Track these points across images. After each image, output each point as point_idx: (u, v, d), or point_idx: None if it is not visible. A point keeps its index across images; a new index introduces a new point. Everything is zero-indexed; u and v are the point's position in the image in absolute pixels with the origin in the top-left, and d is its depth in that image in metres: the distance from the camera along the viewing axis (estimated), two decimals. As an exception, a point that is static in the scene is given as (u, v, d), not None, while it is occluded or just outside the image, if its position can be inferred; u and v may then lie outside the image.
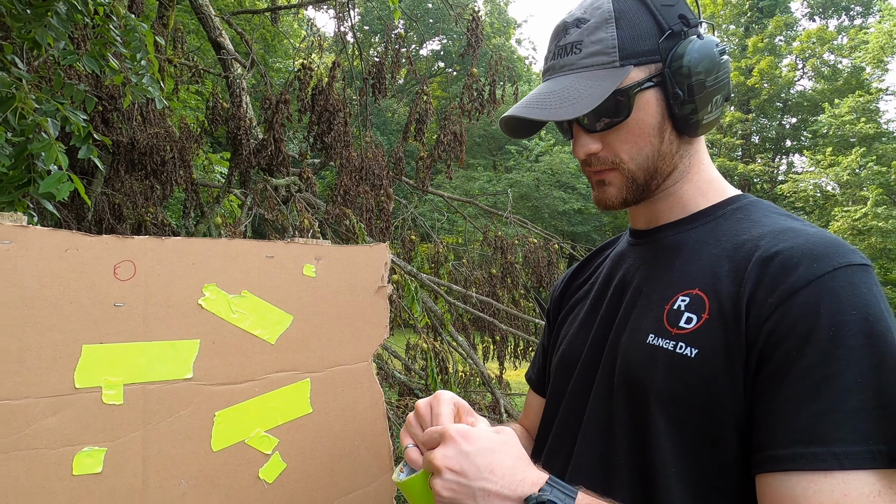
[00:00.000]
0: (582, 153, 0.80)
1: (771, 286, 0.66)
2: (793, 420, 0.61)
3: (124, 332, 0.76)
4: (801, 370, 0.61)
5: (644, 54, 0.75)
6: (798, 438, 0.60)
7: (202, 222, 3.88)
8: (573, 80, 0.76)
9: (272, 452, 0.88)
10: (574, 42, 0.77)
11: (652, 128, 0.77)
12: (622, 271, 0.88)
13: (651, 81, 0.76)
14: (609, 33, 0.75)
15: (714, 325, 0.69)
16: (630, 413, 0.75)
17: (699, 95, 0.76)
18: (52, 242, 0.71)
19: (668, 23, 0.76)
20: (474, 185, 17.69)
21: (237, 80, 3.82)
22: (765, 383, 0.64)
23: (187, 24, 6.16)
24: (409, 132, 4.15)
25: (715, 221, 0.80)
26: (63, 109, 1.74)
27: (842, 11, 24.28)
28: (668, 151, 0.79)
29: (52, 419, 0.71)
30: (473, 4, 4.54)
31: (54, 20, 1.75)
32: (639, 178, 0.80)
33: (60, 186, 1.62)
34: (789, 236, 0.69)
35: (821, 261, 0.64)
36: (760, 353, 0.65)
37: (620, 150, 0.78)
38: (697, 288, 0.73)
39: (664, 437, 0.70)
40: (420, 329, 3.67)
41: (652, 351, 0.73)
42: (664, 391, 0.70)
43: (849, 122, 19.67)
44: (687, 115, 0.77)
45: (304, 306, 0.91)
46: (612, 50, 0.75)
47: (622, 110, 0.76)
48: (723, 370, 0.67)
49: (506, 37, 23.91)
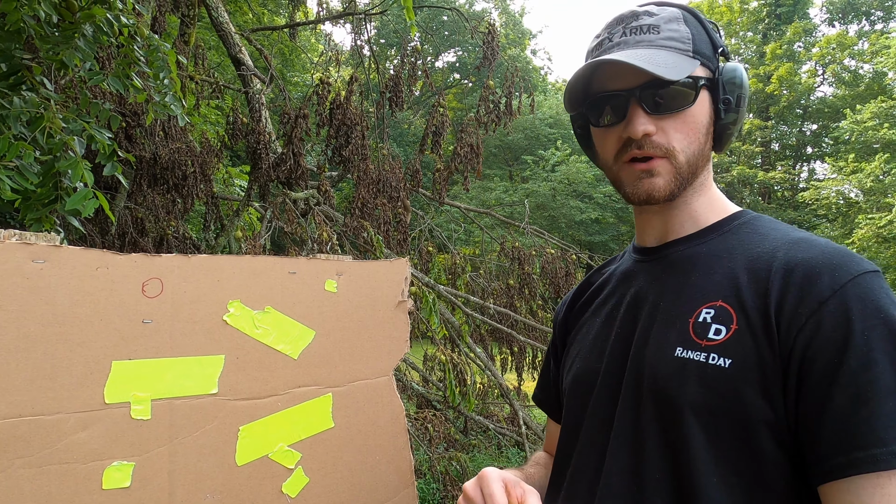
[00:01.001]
0: (640, 131, 0.78)
1: (798, 297, 0.68)
2: (847, 427, 0.63)
3: (152, 348, 0.77)
4: (844, 378, 0.64)
5: (706, 57, 0.80)
6: (857, 444, 0.62)
7: (222, 235, 3.93)
8: (655, 52, 0.77)
9: (295, 467, 0.88)
10: (651, 25, 0.80)
11: (703, 126, 0.80)
12: (635, 288, 0.88)
13: (708, 83, 0.80)
14: (682, 27, 0.80)
15: (744, 336, 0.70)
16: (661, 427, 0.75)
17: (740, 108, 0.81)
18: (84, 261, 0.73)
19: (718, 42, 0.82)
20: (491, 196, 17.70)
21: (256, 95, 3.89)
22: (813, 396, 0.66)
23: (208, 41, 6.29)
24: (425, 144, 4.18)
25: (724, 236, 0.82)
26: (89, 128, 1.79)
27: (862, 16, 23.98)
28: (705, 155, 0.82)
29: (82, 434, 0.72)
30: (489, 17, 4.58)
31: (81, 42, 1.81)
32: (684, 173, 0.80)
33: (86, 203, 1.66)
34: (804, 247, 0.72)
35: (840, 270, 0.68)
36: (800, 367, 0.66)
37: (673, 139, 0.79)
38: (721, 300, 0.74)
39: (703, 447, 0.70)
40: (438, 340, 3.67)
41: (681, 363, 0.74)
42: (699, 402, 0.71)
43: (871, 128, 19.35)
44: (727, 124, 0.81)
45: (326, 321, 0.92)
46: (687, 41, 0.79)
47: (687, 99, 0.78)
48: (756, 379, 0.68)
49: (521, 48, 23.99)
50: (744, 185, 22.80)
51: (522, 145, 21.33)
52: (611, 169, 0.85)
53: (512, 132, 18.33)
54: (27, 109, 1.75)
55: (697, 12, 0.83)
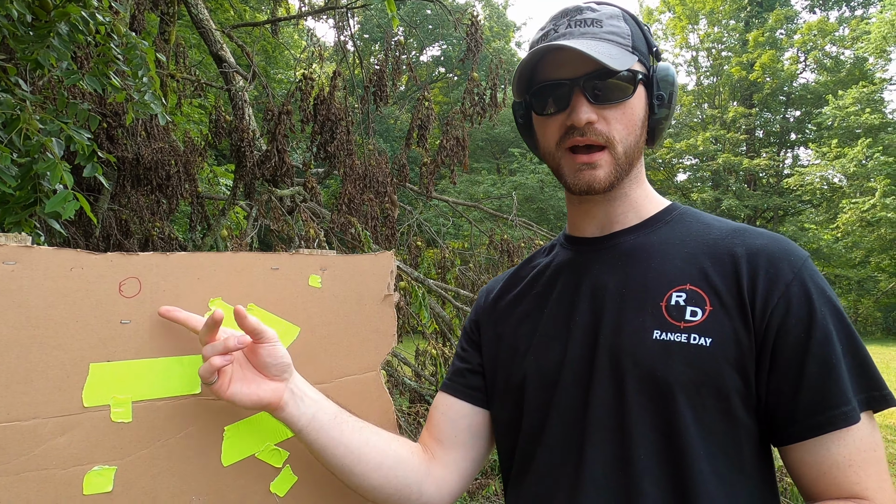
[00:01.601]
0: (583, 119, 0.81)
1: (768, 280, 0.76)
2: (821, 391, 0.73)
3: (131, 349, 0.76)
4: (814, 349, 0.74)
5: (642, 54, 0.85)
6: (831, 404, 0.73)
7: (208, 235, 3.89)
8: (599, 42, 0.82)
9: (283, 466, 0.87)
10: (594, 18, 0.84)
11: (639, 119, 0.85)
12: (590, 278, 0.87)
13: (644, 78, 0.84)
14: (623, 24, 0.85)
15: (719, 316, 0.77)
16: (651, 409, 0.76)
17: (671, 105, 0.87)
18: (57, 262, 0.71)
19: (652, 43, 0.88)
20: (479, 189, 17.69)
21: (239, 92, 3.84)
22: (789, 367, 0.75)
23: (188, 39, 6.21)
24: (411, 138, 4.16)
25: (669, 226, 0.88)
26: (67, 129, 1.75)
27: (842, 3, 24.17)
28: (640, 148, 0.87)
29: (61, 439, 0.70)
30: (472, 9, 4.55)
31: (56, 41, 1.77)
32: (622, 163, 0.84)
33: (66, 205, 1.63)
34: (753, 234, 0.82)
35: (792, 255, 0.78)
36: (775, 342, 0.75)
37: (614, 129, 0.82)
38: (689, 283, 0.80)
39: (692, 423, 0.75)
40: (429, 335, 3.66)
41: (663, 346, 0.77)
42: (687, 381, 0.76)
43: (853, 114, 19.55)
44: (660, 119, 0.87)
45: (311, 317, 0.91)
46: (626, 36, 0.84)
47: (627, 91, 0.82)
48: (733, 355, 0.75)
49: (505, 40, 23.95)
50: (729, 173, 22.96)
51: (509, 138, 21.33)
52: (553, 156, 0.86)
53: (498, 125, 18.33)
54: (2, 111, 1.71)
55: (634, 15, 0.89)
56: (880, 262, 19.02)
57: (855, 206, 18.21)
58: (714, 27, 25.70)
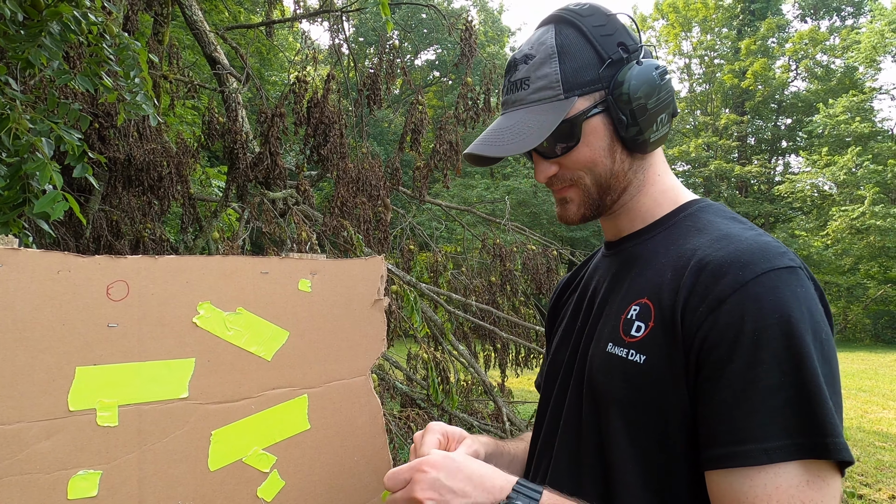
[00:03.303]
0: (542, 177, 0.86)
1: (702, 295, 0.71)
2: (727, 421, 0.66)
3: (118, 352, 0.75)
4: (730, 374, 0.67)
5: (587, 84, 0.80)
6: (734, 438, 0.66)
7: (200, 237, 3.87)
8: (523, 114, 0.82)
9: (270, 470, 0.87)
10: (522, 78, 0.83)
11: (602, 150, 0.82)
12: (594, 283, 0.93)
13: (596, 109, 0.80)
14: (553, 68, 0.80)
15: (657, 333, 0.74)
16: (594, 417, 0.81)
17: (642, 118, 0.80)
18: (44, 264, 0.71)
19: (608, 52, 0.80)
20: (472, 193, 17.72)
21: (233, 94, 3.83)
22: (702, 388, 0.70)
23: (182, 40, 6.19)
24: (405, 142, 4.16)
25: (668, 230, 0.85)
26: (57, 129, 1.74)
27: (833, 12, 24.43)
28: (620, 170, 0.84)
29: (46, 443, 0.70)
30: (467, 14, 4.57)
31: (47, 40, 1.76)
32: (593, 194, 0.85)
33: (55, 206, 1.62)
34: (723, 244, 0.74)
35: (746, 267, 0.69)
36: (697, 360, 0.70)
37: (576, 169, 0.84)
38: (646, 297, 0.78)
39: (622, 437, 0.76)
40: (420, 339, 3.65)
41: (609, 359, 0.79)
42: (620, 396, 0.76)
43: (843, 122, 19.74)
44: (633, 137, 0.81)
45: (301, 322, 0.91)
46: (556, 84, 0.80)
47: (573, 137, 0.81)
48: (667, 375, 0.72)
49: (500, 45, 24.02)
50: (721, 180, 23.12)
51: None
52: None
53: (492, 129, 18.29)
54: (-8, 110, 1.70)
55: (581, 22, 0.81)
56: (869, 270, 19.18)
57: (845, 214, 18.38)
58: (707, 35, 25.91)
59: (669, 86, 0.83)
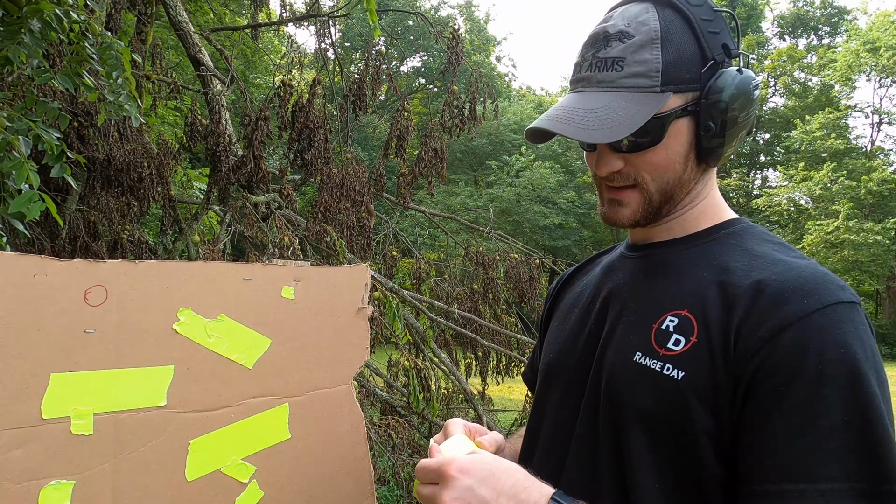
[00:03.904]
0: (605, 170, 0.78)
1: (761, 319, 0.66)
2: (781, 456, 0.61)
3: (95, 359, 0.73)
4: (788, 407, 0.62)
5: (685, 81, 0.73)
6: (786, 475, 0.61)
7: (180, 239, 3.82)
8: (612, 99, 0.73)
9: (249, 481, 0.85)
10: (616, 58, 0.73)
11: (679, 155, 0.76)
12: (611, 284, 0.87)
13: (687, 110, 0.74)
14: (654, 55, 0.72)
15: (701, 350, 0.69)
16: (614, 430, 0.75)
17: (730, 130, 0.75)
18: (20, 268, 0.69)
19: (713, 51, 0.74)
20: (456, 201, 17.75)
21: (216, 96, 3.80)
22: (752, 416, 0.65)
23: (166, 40, 6.13)
24: (389, 148, 4.16)
25: (708, 244, 0.79)
26: (35, 128, 1.71)
27: (811, 31, 25.04)
28: (687, 179, 0.79)
29: (17, 452, 0.68)
30: (454, 22, 4.59)
31: (27, 38, 1.72)
32: (655, 202, 0.79)
33: (31, 206, 1.58)
34: (780, 269, 0.69)
35: (811, 297, 0.65)
36: (748, 386, 0.65)
37: (643, 170, 0.77)
38: (686, 309, 0.73)
39: (646, 454, 0.71)
40: (402, 346, 3.64)
41: (637, 369, 0.74)
42: (648, 410, 0.71)
43: (819, 138, 20.19)
44: (714, 148, 0.76)
45: (283, 329, 0.90)
46: (655, 74, 0.72)
47: (654, 135, 0.74)
48: (707, 395, 0.67)
49: (486, 54, 24.18)
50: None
51: (487, 151, 21.48)
52: (596, 179, 0.84)
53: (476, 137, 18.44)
54: (-33, 107, 1.66)
55: (689, 10, 0.73)
56: (843, 283, 19.53)
57: (820, 228, 18.75)
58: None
59: (758, 101, 0.79)
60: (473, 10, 25.22)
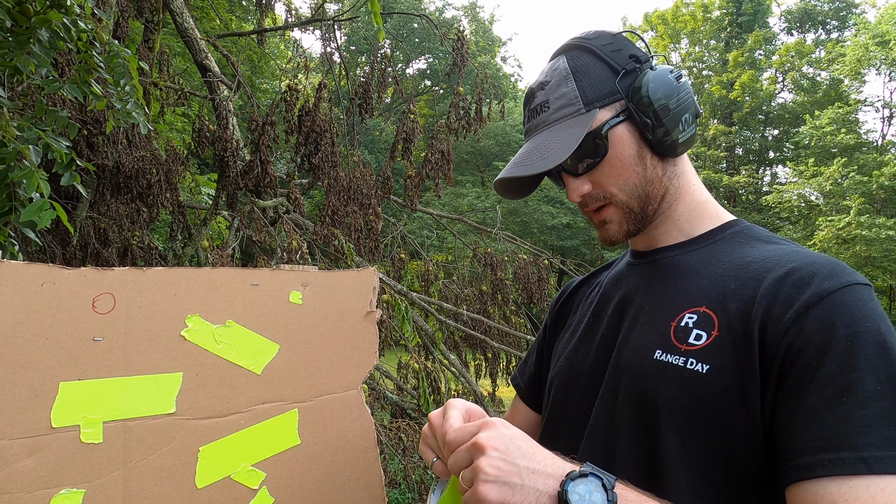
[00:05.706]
0: (576, 196, 0.85)
1: (786, 303, 0.68)
2: (817, 427, 0.62)
3: (104, 367, 0.73)
4: (821, 379, 0.63)
5: (606, 96, 0.81)
6: (824, 445, 0.61)
7: (189, 245, 3.84)
8: (547, 135, 0.83)
9: (259, 487, 0.85)
10: (541, 102, 0.85)
11: (632, 157, 0.82)
12: (622, 290, 0.90)
13: (619, 117, 0.81)
14: (570, 87, 0.82)
15: (724, 342, 0.71)
16: (637, 429, 0.76)
17: (667, 118, 0.80)
18: (28, 276, 0.69)
19: (621, 64, 0.82)
20: (463, 202, 17.74)
21: (223, 102, 3.81)
22: (786, 395, 0.66)
23: (173, 47, 6.17)
24: (396, 151, 4.15)
25: (716, 244, 0.84)
26: (45, 137, 1.72)
27: (818, 25, 24.81)
28: (654, 176, 0.84)
29: (27, 461, 0.68)
30: (458, 24, 4.59)
31: (36, 47, 1.74)
32: (634, 207, 0.84)
33: (42, 214, 1.59)
34: (796, 257, 0.73)
35: (831, 278, 0.68)
36: (780, 368, 0.67)
37: (609, 185, 0.83)
38: (704, 306, 0.75)
39: (675, 451, 0.71)
40: (411, 348, 3.63)
41: (660, 367, 0.75)
42: (675, 406, 0.72)
43: (829, 133, 20.00)
44: (661, 139, 0.81)
45: (291, 334, 0.89)
46: (575, 100, 0.81)
47: (600, 149, 0.81)
48: (733, 386, 0.69)
49: (491, 55, 24.17)
50: (710, 190, 23.30)
51: (494, 151, 21.45)
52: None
53: (483, 138, 18.44)
54: (-23, 117, 1.67)
55: (589, 44, 0.83)
56: (856, 279, 19.31)
57: (831, 224, 18.57)
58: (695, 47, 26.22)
59: (687, 87, 0.84)
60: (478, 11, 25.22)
